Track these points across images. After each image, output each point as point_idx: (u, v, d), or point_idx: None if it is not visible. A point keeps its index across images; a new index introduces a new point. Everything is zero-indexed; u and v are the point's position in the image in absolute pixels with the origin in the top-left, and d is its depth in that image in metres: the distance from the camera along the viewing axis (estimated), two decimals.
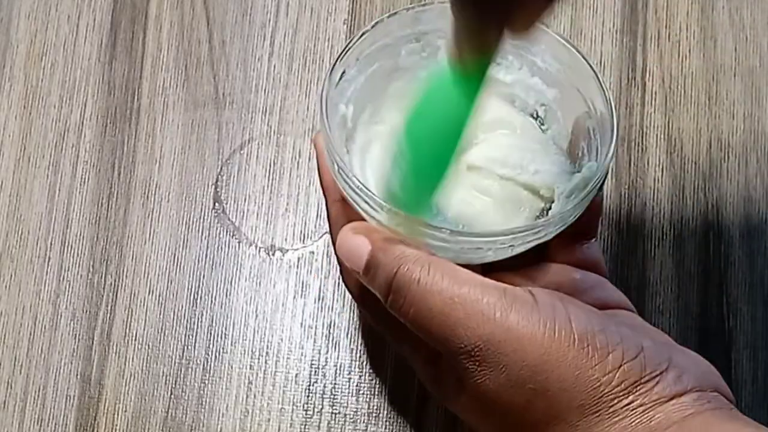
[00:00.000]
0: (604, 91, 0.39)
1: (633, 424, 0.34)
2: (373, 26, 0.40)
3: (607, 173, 0.38)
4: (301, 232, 0.51)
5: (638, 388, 0.35)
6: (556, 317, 0.35)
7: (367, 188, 0.36)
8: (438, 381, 0.39)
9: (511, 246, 0.37)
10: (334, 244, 0.41)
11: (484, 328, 0.34)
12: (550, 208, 0.41)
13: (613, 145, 0.38)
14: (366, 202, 0.37)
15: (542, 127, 0.43)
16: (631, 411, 0.34)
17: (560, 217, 0.37)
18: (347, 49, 0.39)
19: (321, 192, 0.41)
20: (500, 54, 0.37)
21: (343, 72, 0.39)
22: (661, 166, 0.51)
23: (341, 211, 0.39)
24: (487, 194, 0.41)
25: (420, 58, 0.42)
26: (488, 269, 0.40)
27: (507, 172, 0.41)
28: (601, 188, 0.39)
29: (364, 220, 0.38)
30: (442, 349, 0.36)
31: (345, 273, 0.42)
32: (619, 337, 0.35)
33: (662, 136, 0.52)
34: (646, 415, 0.34)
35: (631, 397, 0.35)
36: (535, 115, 0.43)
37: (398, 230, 0.37)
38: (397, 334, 0.40)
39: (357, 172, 0.40)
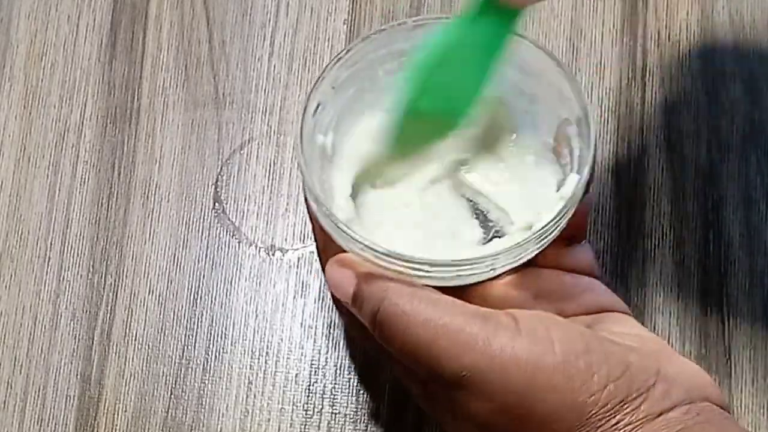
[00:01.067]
0: (580, 96, 0.38)
1: None
2: (346, 51, 0.39)
3: (586, 187, 0.38)
4: (301, 232, 0.51)
5: (625, 407, 0.35)
6: (539, 342, 0.35)
7: (346, 227, 0.36)
8: (430, 404, 0.39)
9: (492, 269, 0.37)
10: (322, 268, 0.41)
11: (468, 358, 0.35)
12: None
13: (588, 165, 0.37)
14: (345, 239, 0.37)
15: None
16: (619, 431, 0.35)
17: (536, 237, 0.37)
18: (320, 78, 0.39)
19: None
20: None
21: (319, 103, 0.39)
22: (661, 166, 0.51)
23: (328, 240, 0.40)
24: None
25: (398, 76, 0.42)
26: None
27: (495, 217, 0.41)
28: (580, 202, 0.39)
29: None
30: (430, 378, 0.36)
31: (334, 297, 0.42)
32: (604, 356, 0.35)
33: (662, 136, 0.52)
34: None
35: (618, 416, 0.35)
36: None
37: (379, 263, 0.37)
38: (390, 358, 0.40)
39: (339, 188, 0.40)
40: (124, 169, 0.52)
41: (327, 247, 0.39)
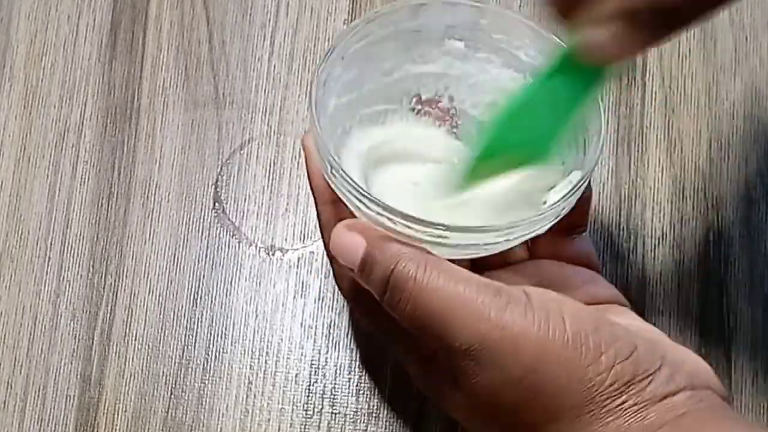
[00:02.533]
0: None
1: (626, 423, 0.35)
2: (357, 24, 0.40)
3: (595, 165, 0.38)
4: (301, 232, 0.51)
5: (631, 387, 0.35)
6: (550, 317, 0.35)
7: (362, 188, 0.36)
8: (432, 381, 0.39)
9: (506, 240, 0.37)
10: (326, 246, 0.41)
11: (479, 327, 0.35)
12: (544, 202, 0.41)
13: (602, 137, 0.38)
14: (361, 201, 0.37)
15: None
16: (624, 411, 0.35)
17: (553, 211, 0.37)
18: (333, 48, 0.39)
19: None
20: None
21: (329, 72, 0.39)
22: (661, 166, 0.51)
23: (332, 213, 0.39)
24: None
25: (407, 55, 0.42)
26: (479, 266, 0.40)
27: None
28: (589, 184, 0.39)
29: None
30: (438, 347, 0.36)
31: (337, 273, 0.42)
32: (613, 337, 0.36)
33: (662, 136, 0.52)
34: (639, 415, 0.35)
35: (624, 397, 0.35)
36: None
37: (394, 228, 0.37)
38: (390, 335, 0.40)
39: (350, 171, 0.40)
40: (124, 169, 0.52)
41: (331, 222, 0.39)
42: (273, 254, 0.50)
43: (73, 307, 0.50)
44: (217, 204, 0.51)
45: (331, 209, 0.40)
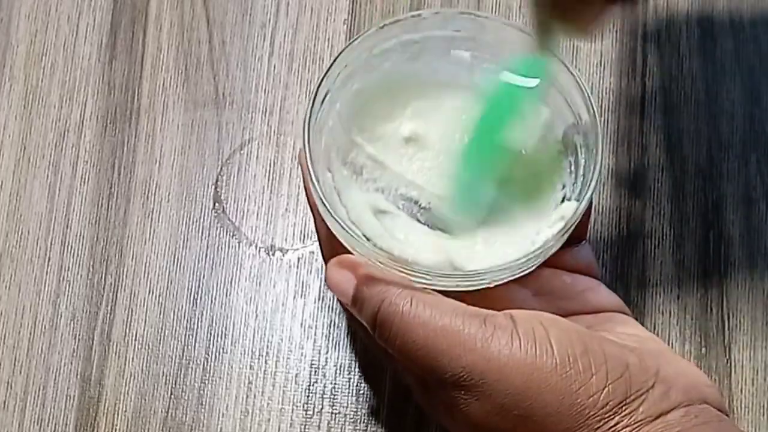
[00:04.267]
0: (590, 105, 0.39)
1: None
2: (350, 44, 0.40)
3: (589, 200, 0.39)
4: (301, 232, 0.51)
5: (623, 408, 0.35)
6: (537, 342, 0.35)
7: (350, 227, 0.37)
8: (428, 402, 0.39)
9: (491, 281, 0.38)
10: (325, 260, 0.41)
11: (466, 359, 0.35)
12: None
13: (594, 181, 0.38)
14: (351, 237, 0.37)
15: None
16: None
17: (541, 252, 0.37)
18: (329, 69, 0.39)
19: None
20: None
21: (327, 92, 0.40)
22: (661, 166, 0.51)
23: (330, 235, 0.40)
24: None
25: (405, 64, 0.42)
26: None
27: None
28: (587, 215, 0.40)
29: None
30: (428, 378, 0.37)
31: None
32: (603, 357, 0.35)
33: (662, 136, 0.52)
34: None
35: (617, 419, 0.35)
36: None
37: (380, 265, 0.38)
38: (389, 356, 0.40)
39: (346, 195, 0.40)
40: (124, 169, 0.52)
41: (330, 239, 0.40)
42: (273, 254, 0.50)
43: (73, 307, 0.50)
44: (217, 204, 0.51)
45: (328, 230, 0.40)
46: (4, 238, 0.51)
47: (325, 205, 0.37)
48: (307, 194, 0.41)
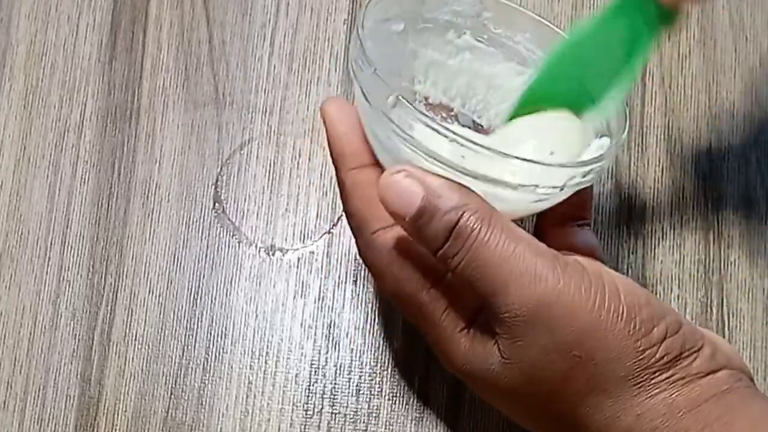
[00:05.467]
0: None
1: (672, 396, 0.35)
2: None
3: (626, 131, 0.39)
4: (301, 232, 0.51)
5: (679, 362, 0.36)
6: (606, 287, 0.35)
7: (425, 113, 0.35)
8: (466, 348, 0.37)
9: (569, 183, 0.37)
10: (348, 216, 0.40)
11: (536, 289, 0.34)
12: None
13: (626, 122, 0.38)
14: (439, 133, 0.35)
15: None
16: (671, 384, 0.35)
17: (608, 154, 0.37)
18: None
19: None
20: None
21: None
22: (661, 166, 0.51)
23: (368, 177, 0.38)
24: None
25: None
26: None
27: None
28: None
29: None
30: (491, 303, 0.35)
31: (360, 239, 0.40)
32: (663, 312, 0.36)
33: (662, 136, 0.52)
34: (685, 388, 0.35)
35: (672, 371, 0.35)
36: None
37: (464, 167, 0.36)
38: (423, 302, 0.38)
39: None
40: (124, 169, 0.52)
41: (364, 185, 0.38)
42: (273, 254, 0.50)
43: (73, 307, 0.50)
44: (217, 204, 0.51)
45: (370, 172, 0.38)
46: (4, 238, 0.51)
47: (402, 101, 0.35)
48: (330, 145, 0.39)
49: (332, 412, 0.48)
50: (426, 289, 0.38)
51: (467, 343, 0.37)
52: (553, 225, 0.41)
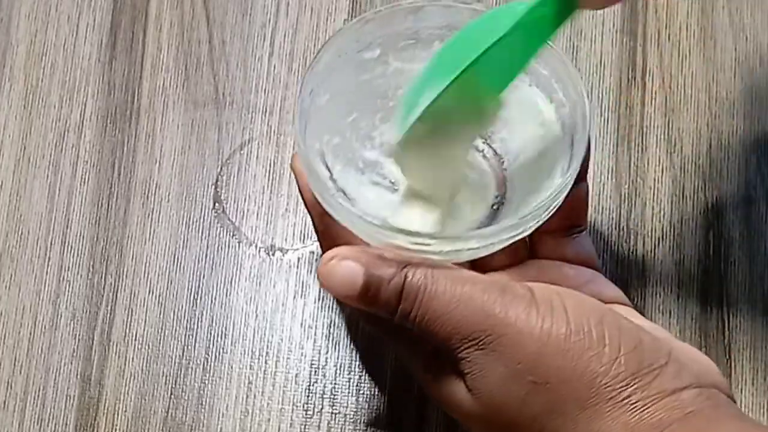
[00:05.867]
0: (577, 80, 0.38)
1: (633, 419, 0.35)
2: (329, 40, 0.40)
3: (576, 172, 0.38)
4: (301, 232, 0.51)
5: (636, 380, 0.35)
6: (554, 310, 0.36)
7: (361, 212, 0.37)
8: (437, 381, 0.39)
9: (491, 244, 0.37)
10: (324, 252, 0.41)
11: (485, 323, 0.35)
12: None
13: (576, 159, 0.37)
14: (356, 220, 0.37)
15: None
16: (631, 405, 0.35)
17: (532, 216, 0.37)
18: (312, 64, 0.39)
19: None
20: None
21: (312, 89, 0.40)
22: (661, 166, 0.51)
23: (332, 223, 0.39)
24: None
25: (381, 63, 0.42)
26: (481, 269, 0.40)
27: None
28: (586, 184, 0.39)
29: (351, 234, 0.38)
30: (446, 346, 0.37)
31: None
32: (618, 330, 0.36)
33: (662, 136, 0.52)
34: (646, 411, 0.35)
35: (629, 390, 0.35)
36: None
37: (381, 241, 0.37)
38: (396, 338, 0.40)
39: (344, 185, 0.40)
40: (124, 169, 0.52)
41: (331, 231, 0.39)
42: (273, 254, 0.50)
43: (73, 307, 0.50)
44: (217, 204, 0.51)
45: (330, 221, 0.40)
46: (4, 238, 0.51)
47: (325, 196, 0.37)
48: (301, 194, 0.41)
49: (332, 412, 0.48)
50: (392, 335, 0.40)
51: (437, 384, 0.39)
52: (545, 236, 0.41)
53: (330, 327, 0.49)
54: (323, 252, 0.42)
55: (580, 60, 0.53)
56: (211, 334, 0.49)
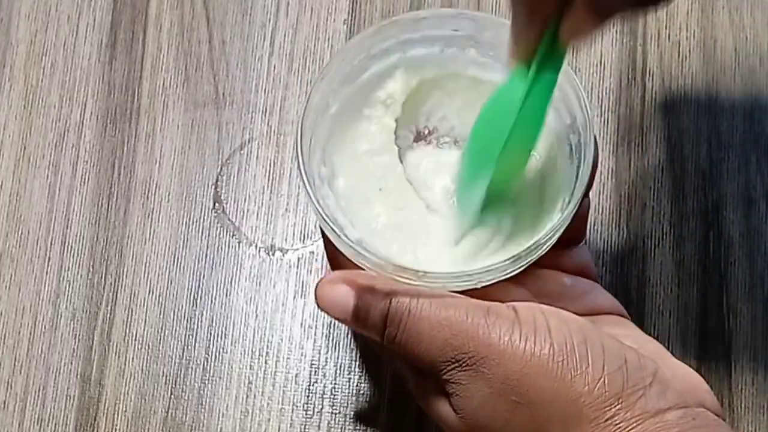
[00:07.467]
0: (584, 109, 0.39)
1: None
2: (322, 72, 0.40)
3: (586, 191, 0.38)
4: (301, 232, 0.51)
5: (620, 401, 0.35)
6: (536, 330, 0.36)
7: (351, 242, 0.37)
8: (427, 398, 0.39)
9: (479, 282, 0.38)
10: (331, 265, 0.42)
11: (468, 346, 0.36)
12: None
13: (578, 191, 0.38)
14: (349, 248, 0.38)
15: None
16: (615, 426, 0.35)
17: (526, 255, 0.38)
18: (310, 95, 0.40)
19: None
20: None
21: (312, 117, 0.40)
22: (661, 166, 0.51)
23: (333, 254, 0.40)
24: None
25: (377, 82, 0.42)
26: None
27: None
28: (588, 197, 0.39)
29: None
30: (431, 369, 0.37)
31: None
32: (601, 349, 0.36)
33: (662, 136, 0.52)
34: None
35: (613, 410, 0.35)
36: None
37: (383, 272, 0.38)
38: (390, 353, 0.40)
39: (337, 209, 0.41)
40: (124, 169, 0.52)
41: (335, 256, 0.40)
42: (273, 254, 0.50)
43: (73, 307, 0.50)
44: (217, 204, 0.51)
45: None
46: (4, 238, 0.51)
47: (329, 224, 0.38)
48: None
49: (332, 412, 0.48)
50: (388, 353, 0.40)
51: (426, 402, 0.39)
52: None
53: (330, 327, 0.49)
54: (332, 269, 0.42)
55: (580, 60, 0.53)
56: (211, 334, 0.49)
